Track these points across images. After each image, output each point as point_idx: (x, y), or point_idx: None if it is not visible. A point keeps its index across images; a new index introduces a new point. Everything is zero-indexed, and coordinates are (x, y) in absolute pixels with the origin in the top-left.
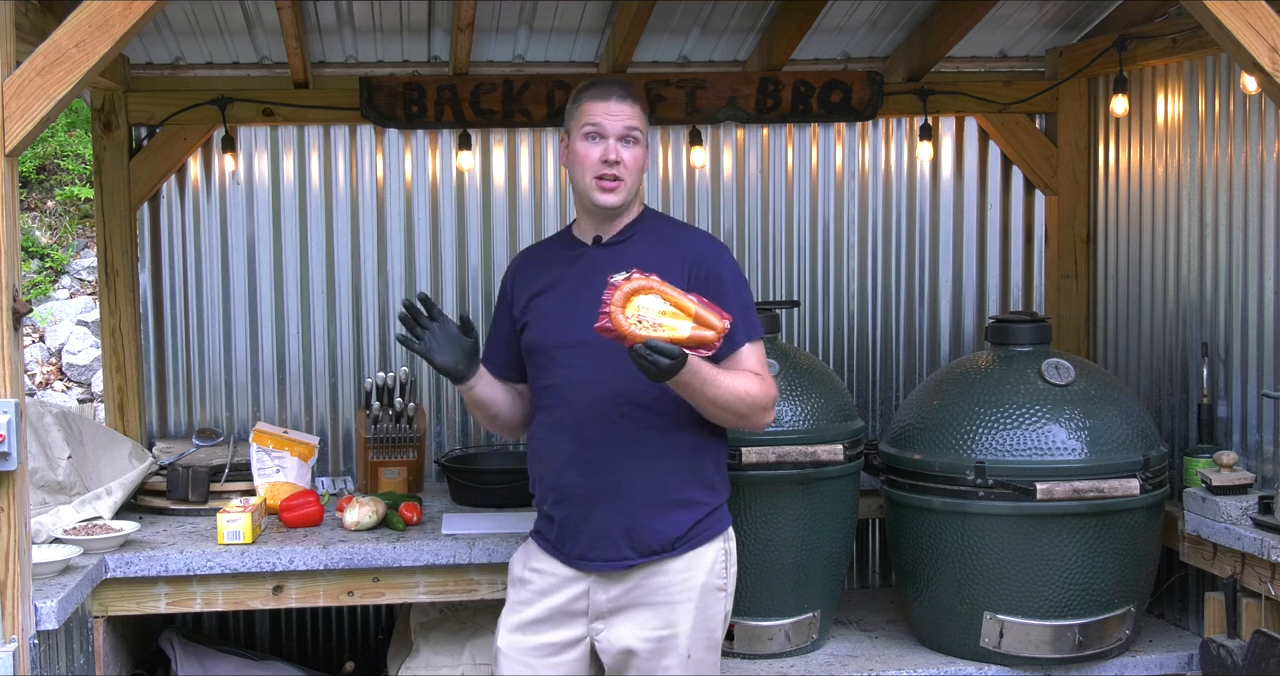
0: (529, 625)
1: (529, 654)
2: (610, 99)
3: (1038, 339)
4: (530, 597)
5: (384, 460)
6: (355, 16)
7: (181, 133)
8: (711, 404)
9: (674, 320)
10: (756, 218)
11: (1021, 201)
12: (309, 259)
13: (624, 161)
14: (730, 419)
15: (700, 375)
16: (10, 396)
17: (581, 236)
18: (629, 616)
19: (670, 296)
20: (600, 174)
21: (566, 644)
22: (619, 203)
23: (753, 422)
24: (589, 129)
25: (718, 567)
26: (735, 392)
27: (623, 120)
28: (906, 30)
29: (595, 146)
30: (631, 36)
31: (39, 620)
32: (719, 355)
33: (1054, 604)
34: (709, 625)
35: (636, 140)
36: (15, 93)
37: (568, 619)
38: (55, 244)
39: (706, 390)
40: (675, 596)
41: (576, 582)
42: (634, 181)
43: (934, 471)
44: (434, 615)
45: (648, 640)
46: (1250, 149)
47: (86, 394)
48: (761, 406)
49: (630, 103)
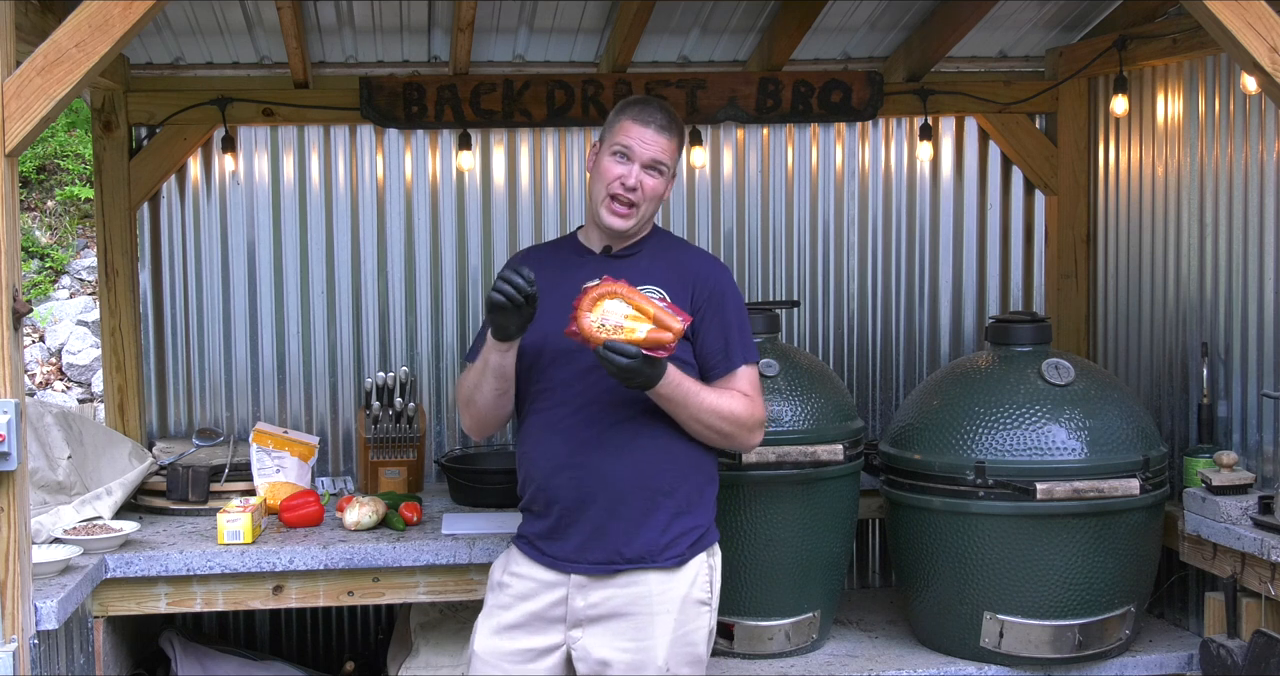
0: (506, 630)
1: (505, 659)
2: (649, 126)
3: (1038, 339)
4: (509, 602)
5: (384, 460)
6: (355, 16)
7: (181, 133)
8: (694, 420)
9: (634, 323)
10: (756, 218)
11: (1021, 201)
12: (309, 259)
13: (643, 188)
14: (715, 437)
15: (682, 389)
16: (10, 396)
17: (590, 245)
18: (606, 626)
19: (634, 301)
20: (615, 194)
21: (543, 651)
22: (625, 228)
23: (738, 442)
24: (619, 147)
25: (700, 581)
26: (719, 411)
27: (654, 150)
28: (906, 30)
29: (619, 166)
30: (631, 36)
31: (39, 620)
32: (714, 374)
33: (1054, 604)
34: (689, 640)
35: (661, 173)
36: (15, 93)
37: (545, 624)
38: (55, 244)
39: (689, 404)
40: (654, 608)
41: (556, 588)
42: (648, 210)
43: (934, 471)
44: (434, 615)
45: (625, 651)
46: (1250, 149)
47: (86, 394)
48: (746, 426)
49: (668, 136)
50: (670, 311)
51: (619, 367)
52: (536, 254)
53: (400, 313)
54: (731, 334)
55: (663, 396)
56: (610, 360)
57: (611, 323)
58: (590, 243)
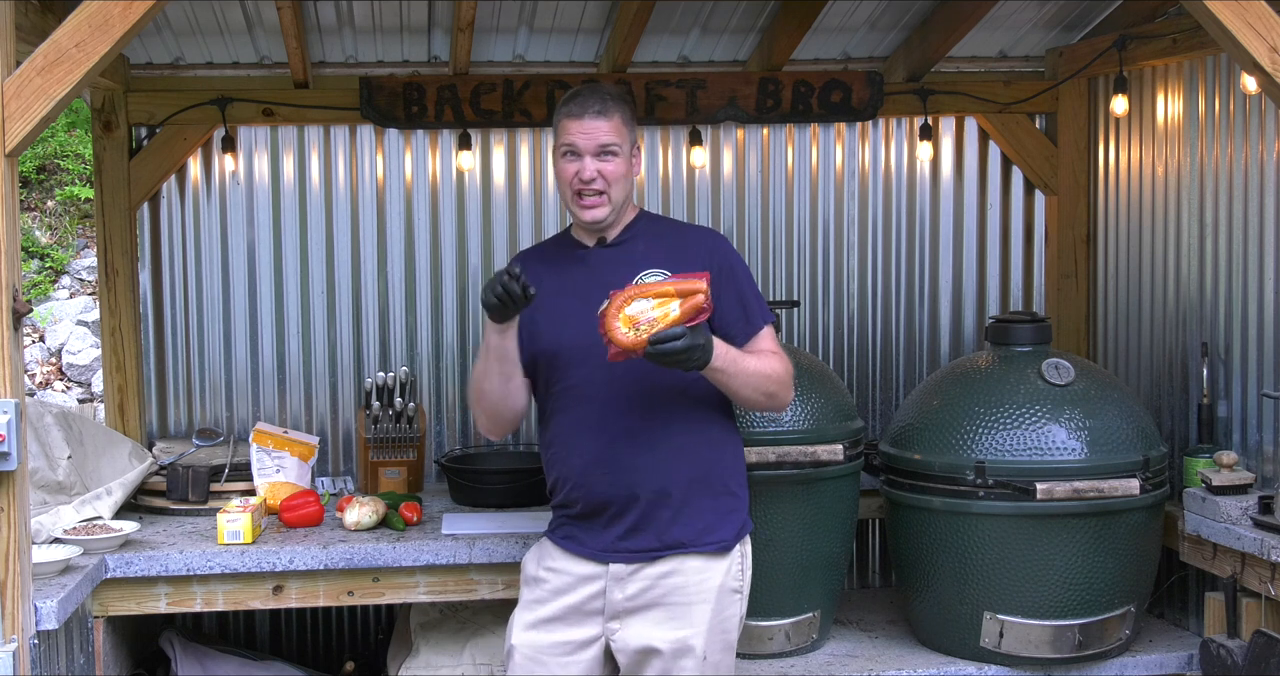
0: (544, 623)
1: (544, 652)
2: (584, 116)
3: (1038, 339)
4: (545, 596)
5: (384, 460)
6: (355, 16)
7: (181, 133)
8: (746, 387)
9: (664, 307)
10: (756, 218)
11: (1021, 201)
12: (309, 259)
13: (602, 176)
14: (763, 400)
15: (731, 359)
16: (10, 396)
17: (583, 239)
18: (645, 616)
19: (648, 292)
20: (578, 190)
21: (582, 643)
22: (602, 217)
23: (781, 401)
24: (565, 147)
25: (734, 570)
26: (764, 372)
27: (596, 137)
28: (906, 30)
29: (570, 164)
30: (631, 36)
31: (39, 620)
32: (739, 340)
33: (1054, 604)
34: (725, 627)
35: (615, 153)
36: (15, 93)
37: (583, 617)
38: (55, 244)
39: (742, 373)
40: (692, 597)
41: (593, 581)
42: (619, 192)
43: (934, 471)
44: (434, 615)
45: (665, 641)
46: (1250, 149)
47: (86, 394)
48: (786, 384)
49: (606, 118)
50: (684, 279)
51: (676, 351)
52: (534, 255)
53: (400, 313)
54: (748, 299)
55: (717, 370)
56: (664, 351)
57: (645, 319)
58: (583, 238)
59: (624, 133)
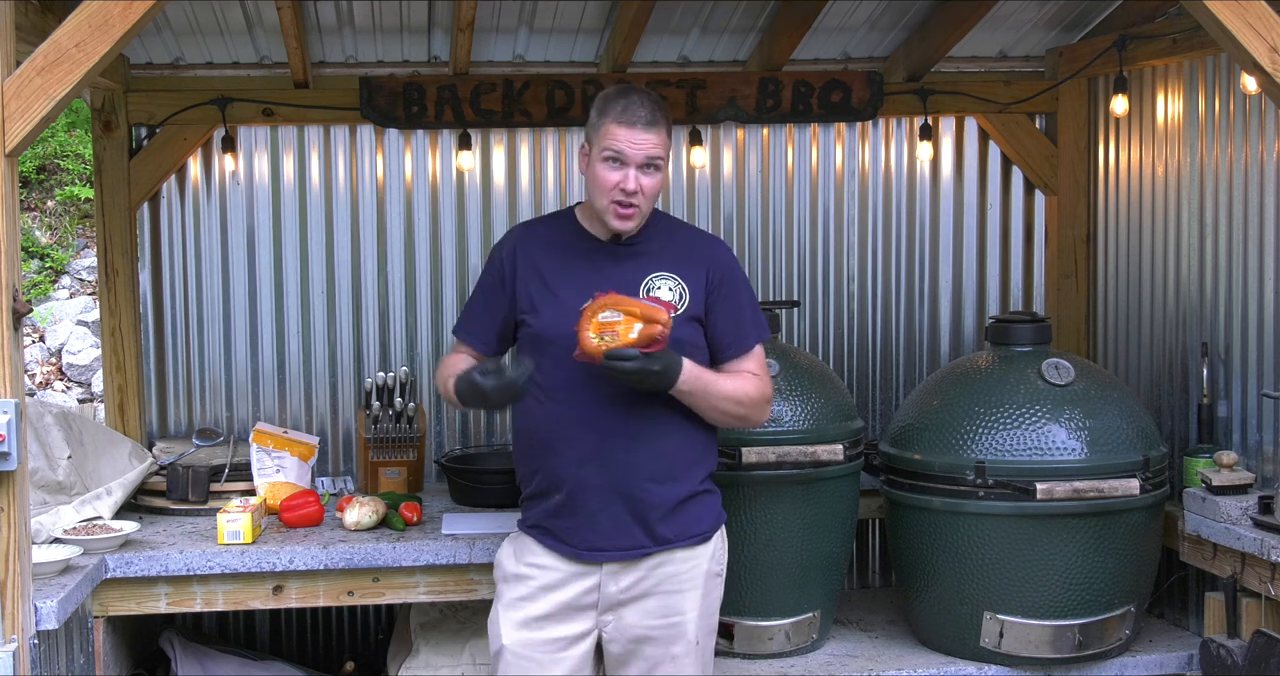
0: (535, 621)
1: (536, 650)
2: (636, 126)
3: (1038, 339)
4: (533, 593)
5: (384, 460)
6: (355, 16)
7: (181, 133)
8: (713, 409)
9: (628, 325)
10: (756, 218)
11: (1021, 201)
12: (309, 259)
13: (643, 191)
14: (731, 421)
15: (701, 382)
16: (10, 396)
17: (594, 231)
18: (638, 606)
19: (621, 305)
20: (617, 200)
21: (574, 638)
22: (634, 228)
23: (752, 421)
24: (610, 153)
25: (717, 554)
26: (735, 397)
27: (646, 149)
28: (906, 30)
29: (615, 172)
30: (631, 36)
31: (39, 620)
32: (726, 355)
33: (1054, 604)
34: (710, 610)
35: (658, 167)
36: (15, 93)
37: (576, 613)
38: (55, 244)
39: (710, 395)
40: (684, 585)
41: (586, 576)
42: (650, 205)
43: (934, 471)
44: (434, 615)
45: (659, 628)
46: (1250, 149)
47: (86, 394)
48: (759, 406)
49: (657, 131)
50: (653, 305)
51: (625, 372)
52: (538, 231)
53: (400, 313)
54: (744, 315)
55: (684, 392)
56: (614, 368)
57: (609, 333)
58: (595, 230)
59: (668, 145)
